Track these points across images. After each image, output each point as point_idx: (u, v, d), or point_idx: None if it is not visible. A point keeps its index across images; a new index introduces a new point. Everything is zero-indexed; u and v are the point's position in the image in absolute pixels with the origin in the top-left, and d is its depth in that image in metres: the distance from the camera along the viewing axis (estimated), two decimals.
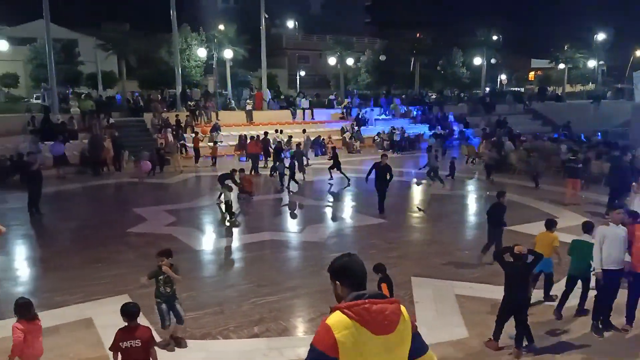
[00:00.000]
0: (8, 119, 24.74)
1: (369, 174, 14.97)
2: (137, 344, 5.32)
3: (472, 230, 14.03)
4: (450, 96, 44.83)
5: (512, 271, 7.07)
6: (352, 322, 2.60)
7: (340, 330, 2.58)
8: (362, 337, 2.59)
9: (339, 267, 2.87)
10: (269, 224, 14.58)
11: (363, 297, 2.68)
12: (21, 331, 5.57)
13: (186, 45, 36.86)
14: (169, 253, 7.16)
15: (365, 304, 2.64)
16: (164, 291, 7.01)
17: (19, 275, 10.28)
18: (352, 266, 2.83)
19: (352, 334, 2.58)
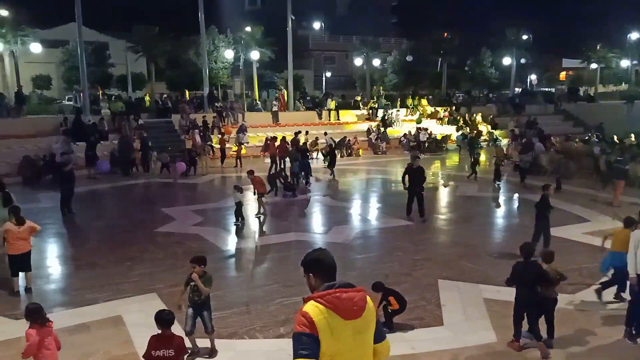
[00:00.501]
0: (41, 120, 25.40)
1: (405, 177, 14.29)
2: (170, 354, 5.24)
3: (500, 233, 13.82)
4: (479, 97, 44.25)
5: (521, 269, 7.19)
6: (325, 309, 2.89)
7: (316, 315, 2.87)
8: (334, 322, 2.89)
9: (311, 260, 3.14)
10: (294, 224, 14.60)
11: (334, 287, 2.97)
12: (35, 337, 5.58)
13: (214, 47, 37.24)
14: (202, 260, 6.92)
15: (336, 292, 2.93)
16: (192, 297, 6.83)
17: (51, 273, 10.51)
18: (324, 259, 3.11)
19: (326, 318, 2.87)
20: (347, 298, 2.94)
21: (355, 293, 2.99)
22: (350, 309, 2.92)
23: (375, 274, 9.99)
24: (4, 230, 9.10)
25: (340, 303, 2.91)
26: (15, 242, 9.11)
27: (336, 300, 2.91)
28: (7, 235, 9.09)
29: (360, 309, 2.96)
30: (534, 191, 18.28)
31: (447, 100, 39.49)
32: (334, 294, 2.93)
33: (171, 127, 27.57)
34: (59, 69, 42.60)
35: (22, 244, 9.20)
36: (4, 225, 9.14)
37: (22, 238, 9.19)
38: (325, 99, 35.75)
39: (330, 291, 2.94)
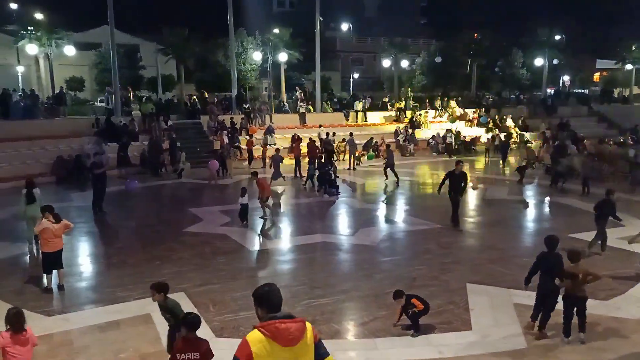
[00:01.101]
0: (74, 121, 25.98)
1: (442, 183, 13.87)
2: (195, 357, 5.25)
3: (531, 237, 13.54)
4: (509, 98, 43.53)
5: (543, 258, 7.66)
6: (264, 337, 3.38)
7: (255, 344, 3.37)
8: (273, 349, 3.38)
9: (259, 295, 3.60)
10: (320, 226, 14.58)
11: (275, 319, 3.43)
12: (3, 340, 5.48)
13: (242, 48, 37.55)
14: (162, 287, 6.50)
15: (275, 324, 3.40)
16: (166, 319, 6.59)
17: (82, 271, 10.73)
18: (269, 296, 3.56)
19: (265, 346, 3.37)
20: (284, 328, 3.40)
21: (293, 324, 3.44)
22: (286, 337, 3.39)
23: (402, 277, 9.92)
24: (42, 229, 9.26)
25: (278, 332, 3.38)
26: (52, 239, 9.31)
27: (275, 330, 3.38)
28: (43, 233, 9.26)
29: (296, 338, 3.42)
30: (566, 195, 17.95)
31: (476, 102, 38.97)
32: (273, 324, 3.40)
33: (200, 129, 27.88)
34: (92, 71, 43.57)
35: (57, 242, 9.41)
36: (42, 223, 9.28)
37: (57, 236, 9.39)
38: (352, 101, 35.68)
39: (271, 322, 3.41)
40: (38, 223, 9.47)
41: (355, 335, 7.80)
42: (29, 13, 35.94)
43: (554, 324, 7.57)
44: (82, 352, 7.28)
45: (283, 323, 3.42)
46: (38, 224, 9.43)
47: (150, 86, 42.49)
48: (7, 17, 37.70)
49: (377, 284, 9.66)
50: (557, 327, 7.51)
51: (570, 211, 15.82)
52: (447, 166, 25.07)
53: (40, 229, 9.28)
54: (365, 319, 8.22)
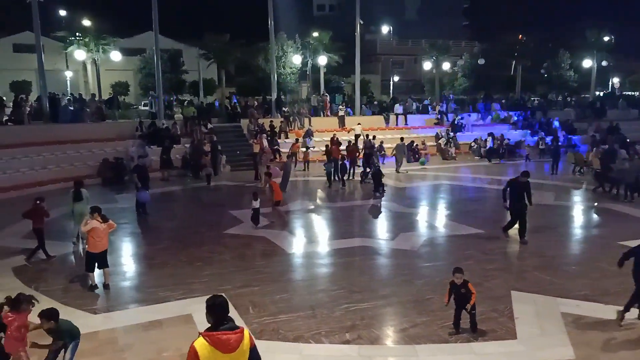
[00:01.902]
0: (120, 125, 26.66)
1: (505, 193, 12.64)
2: None
3: (579, 244, 13.08)
4: (555, 100, 42.29)
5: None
6: (208, 344, 3.98)
7: (201, 349, 3.98)
8: (215, 355, 3.98)
9: (208, 306, 4.16)
10: (359, 229, 14.49)
11: (218, 329, 4.04)
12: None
13: (282, 52, 37.82)
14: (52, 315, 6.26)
15: (218, 335, 4.01)
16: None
17: (126, 271, 10.95)
18: (214, 309, 4.12)
19: (208, 352, 3.98)
20: (225, 339, 4.01)
21: (232, 335, 4.05)
22: (226, 346, 4.01)
23: (444, 283, 9.66)
24: (91, 228, 9.45)
25: (220, 342, 4.00)
26: (99, 240, 9.52)
27: (217, 340, 4.00)
28: (92, 233, 9.45)
29: (235, 346, 4.04)
30: (616, 201, 17.26)
31: (521, 104, 38.02)
32: (216, 335, 4.01)
33: (240, 132, 28.18)
34: (136, 76, 44.70)
35: (104, 242, 9.62)
36: (91, 223, 9.48)
37: (104, 236, 9.61)
38: (392, 104, 35.40)
39: (214, 332, 4.03)
40: (85, 222, 9.68)
41: (395, 342, 7.66)
42: (77, 20, 37.24)
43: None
44: (126, 350, 7.42)
45: (225, 334, 4.03)
46: (85, 223, 9.62)
47: (192, 90, 43.28)
48: (57, 23, 39.14)
49: (417, 290, 9.49)
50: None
51: (620, 217, 15.21)
52: (489, 170, 24.62)
53: (88, 228, 9.47)
54: (406, 325, 8.07)
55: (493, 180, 22.40)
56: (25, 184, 19.51)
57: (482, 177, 23.25)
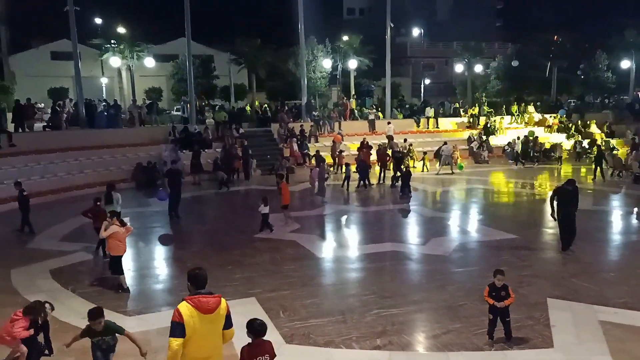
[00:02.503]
0: (153, 129, 27.14)
1: (553, 203, 11.86)
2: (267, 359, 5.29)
3: (617, 250, 12.66)
4: (593, 102, 41.21)
5: None
6: (190, 307, 4.60)
7: (184, 311, 4.58)
8: (195, 314, 4.58)
9: (190, 276, 4.84)
10: (390, 234, 14.37)
11: (198, 294, 4.69)
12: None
13: (312, 56, 37.93)
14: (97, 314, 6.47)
15: (198, 297, 4.65)
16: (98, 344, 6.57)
17: (159, 274, 11.10)
18: (197, 277, 4.81)
19: (191, 312, 4.58)
20: (205, 301, 4.65)
21: (211, 299, 4.70)
22: (206, 307, 4.62)
23: (477, 289, 9.49)
24: (112, 232, 9.61)
25: (200, 304, 4.61)
26: (121, 243, 9.69)
27: (197, 302, 4.62)
28: (114, 237, 9.61)
29: (213, 308, 4.65)
30: None
31: (556, 107, 37.17)
32: (197, 298, 4.65)
33: (270, 136, 28.34)
34: (169, 82, 45.51)
35: (124, 245, 9.81)
36: (111, 228, 9.65)
37: (124, 240, 9.78)
38: (423, 107, 35.09)
39: (195, 297, 4.66)
40: (104, 227, 9.80)
41: (427, 348, 7.54)
42: (112, 27, 38.14)
43: None
44: (160, 352, 7.46)
45: (204, 297, 4.67)
46: (105, 228, 9.75)
47: (223, 95, 43.80)
48: (93, 31, 40.21)
49: (449, 296, 9.33)
50: None
51: None
52: (521, 174, 24.13)
53: (109, 233, 9.62)
54: (438, 332, 7.94)
55: (527, 184, 21.99)
56: (63, 187, 20.02)
57: (515, 181, 22.82)
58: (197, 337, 4.60)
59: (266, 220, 14.02)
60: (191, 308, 4.59)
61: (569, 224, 11.71)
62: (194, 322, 4.56)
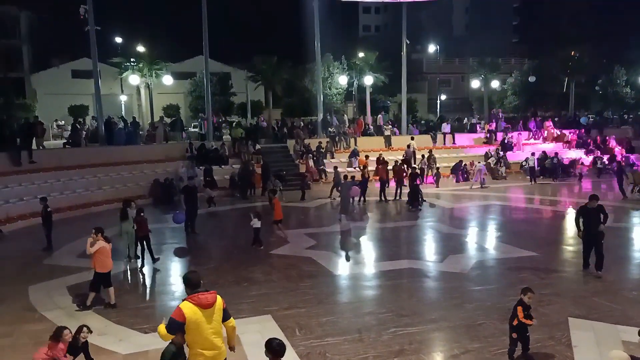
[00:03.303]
0: (170, 146, 27.40)
1: (579, 223, 11.37)
2: None
3: (639, 268, 12.37)
4: (612, 118, 40.73)
5: None
6: (192, 304, 5.27)
7: (186, 309, 5.26)
8: (197, 310, 5.27)
9: (185, 279, 5.57)
10: (407, 251, 14.23)
11: (196, 292, 5.35)
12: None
13: (328, 73, 38.16)
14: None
15: (197, 295, 5.33)
16: None
17: (175, 290, 11.09)
18: (191, 279, 5.51)
19: (192, 309, 5.26)
20: (203, 297, 5.33)
21: (208, 295, 5.38)
22: (205, 303, 5.32)
23: (496, 308, 9.37)
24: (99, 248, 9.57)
25: (200, 300, 5.30)
26: (108, 258, 9.72)
27: (198, 300, 5.30)
28: (100, 254, 9.58)
29: (211, 303, 5.36)
30: None
31: (575, 122, 36.80)
32: (197, 296, 5.32)
33: (286, 152, 28.44)
34: (187, 99, 46.07)
35: (110, 262, 9.81)
36: (98, 243, 9.59)
37: (110, 255, 9.80)
38: (440, 122, 34.97)
39: (194, 295, 5.33)
40: (90, 242, 9.72)
41: None
42: (132, 46, 38.84)
43: None
44: None
45: (202, 294, 5.34)
46: (91, 244, 9.67)
47: (240, 111, 44.18)
48: (113, 50, 41.08)
49: (468, 314, 9.18)
50: None
51: None
52: (540, 190, 23.83)
53: (96, 248, 9.58)
54: (456, 351, 7.80)
55: (546, 200, 21.72)
56: (82, 204, 20.25)
57: (533, 197, 22.54)
58: (203, 330, 5.31)
59: (257, 234, 14.08)
60: (193, 306, 5.27)
61: (595, 243, 11.18)
62: (198, 318, 5.26)
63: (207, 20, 27.63)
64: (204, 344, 5.30)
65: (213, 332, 5.35)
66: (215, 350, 5.36)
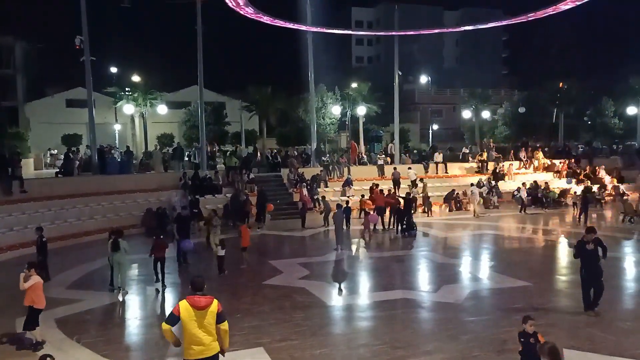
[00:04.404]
0: (164, 175, 27.36)
1: (579, 255, 10.76)
2: None
3: (633, 299, 12.35)
4: (601, 148, 41.24)
5: None
6: (187, 303, 6.13)
7: (181, 306, 6.14)
8: (190, 309, 6.11)
9: (191, 282, 6.49)
10: (401, 281, 14.16)
11: (193, 294, 6.22)
12: None
13: (322, 103, 38.58)
14: None
15: (193, 297, 6.19)
16: None
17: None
18: (194, 282, 6.41)
19: (187, 307, 6.11)
20: (197, 299, 6.17)
21: (203, 298, 6.21)
22: (198, 304, 6.14)
23: (491, 339, 9.30)
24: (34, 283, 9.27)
25: (193, 301, 6.15)
26: (42, 294, 9.41)
27: (192, 300, 6.16)
28: (36, 289, 9.28)
29: (205, 306, 6.15)
30: None
31: (565, 152, 37.21)
32: (192, 297, 6.19)
33: (280, 181, 28.48)
34: (181, 128, 46.24)
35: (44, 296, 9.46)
36: (32, 278, 9.30)
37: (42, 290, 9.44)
38: (432, 152, 35.25)
39: (190, 296, 6.22)
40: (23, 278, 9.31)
41: None
42: (127, 76, 39.15)
43: None
44: None
45: (197, 297, 6.19)
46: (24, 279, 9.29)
47: (235, 140, 44.36)
48: (108, 80, 41.38)
49: (463, 346, 9.10)
50: None
51: None
52: (532, 220, 23.92)
53: (31, 283, 9.23)
54: None
55: (539, 230, 21.80)
56: (72, 234, 20.08)
57: (525, 227, 22.61)
58: (192, 327, 6.11)
59: (221, 263, 14.14)
60: (188, 305, 6.14)
61: (595, 280, 10.48)
62: (189, 315, 6.10)
63: (202, 50, 27.97)
64: (191, 340, 6.10)
65: (203, 330, 6.11)
66: (202, 346, 6.12)
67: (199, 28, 27.58)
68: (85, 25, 24.70)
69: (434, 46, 73.98)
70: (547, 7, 23.92)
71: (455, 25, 64.32)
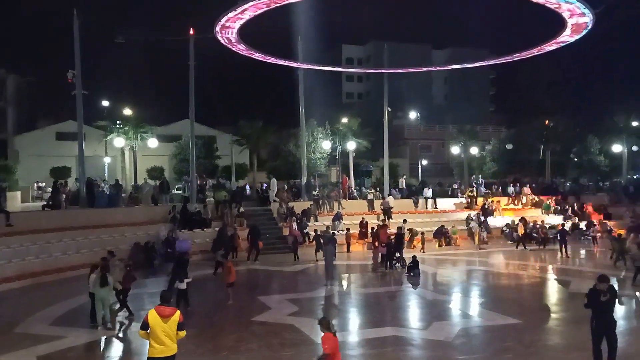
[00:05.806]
0: (152, 208, 27.15)
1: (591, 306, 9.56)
2: None
3: (622, 337, 12.19)
4: (588, 185, 41.71)
5: None
6: (154, 312, 7.78)
7: (150, 314, 7.81)
8: (156, 317, 7.75)
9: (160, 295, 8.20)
10: (391, 317, 14.00)
11: (161, 304, 7.92)
12: None
13: (312, 138, 38.84)
14: None
15: (159, 307, 7.87)
16: None
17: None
18: (163, 296, 8.10)
19: (154, 315, 7.77)
20: (162, 309, 7.78)
21: (167, 309, 7.82)
22: (162, 314, 7.71)
23: None
24: None
25: (160, 311, 7.73)
26: None
27: (158, 310, 7.75)
28: None
29: (169, 315, 7.75)
30: None
31: (552, 188, 37.57)
32: (159, 307, 7.78)
33: (270, 215, 28.37)
34: (171, 161, 46.21)
35: None
36: None
37: None
38: (421, 187, 35.44)
39: (159, 306, 7.80)
40: None
41: None
42: (117, 109, 39.29)
43: None
44: None
45: (162, 307, 7.75)
46: None
47: (225, 174, 44.35)
48: (98, 113, 41.50)
49: None
50: None
51: None
52: (522, 256, 23.91)
53: None
54: None
55: (528, 266, 21.79)
56: (57, 268, 19.66)
57: (514, 263, 22.59)
58: (157, 331, 7.67)
59: (184, 295, 14.02)
60: (155, 314, 7.73)
61: (607, 333, 9.37)
62: (155, 322, 7.67)
63: (194, 84, 28.22)
64: (156, 340, 7.70)
65: (165, 334, 7.69)
66: (163, 346, 7.70)
67: (191, 63, 27.89)
68: (79, 59, 24.86)
69: (423, 83, 75.28)
70: (532, 49, 24.47)
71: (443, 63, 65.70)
